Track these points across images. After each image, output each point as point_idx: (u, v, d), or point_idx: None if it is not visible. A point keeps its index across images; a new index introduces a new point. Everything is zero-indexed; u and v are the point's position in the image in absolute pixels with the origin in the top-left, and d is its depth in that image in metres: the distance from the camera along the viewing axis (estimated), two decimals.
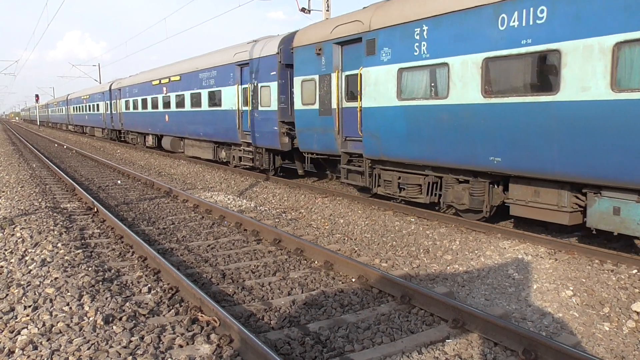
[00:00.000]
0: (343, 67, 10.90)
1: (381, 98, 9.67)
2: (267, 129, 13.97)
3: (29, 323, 4.77)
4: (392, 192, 10.14)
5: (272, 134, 13.79)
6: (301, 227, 9.34)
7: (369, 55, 9.86)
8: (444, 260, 7.34)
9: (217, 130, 17.10)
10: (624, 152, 6.15)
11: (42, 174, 16.73)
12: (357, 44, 10.32)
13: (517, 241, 7.87)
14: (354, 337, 4.73)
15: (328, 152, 11.77)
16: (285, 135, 13.45)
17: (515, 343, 4.42)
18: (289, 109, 13.39)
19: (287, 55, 13.05)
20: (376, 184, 10.56)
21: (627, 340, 4.97)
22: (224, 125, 16.44)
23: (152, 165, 20.36)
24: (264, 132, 14.18)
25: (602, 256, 6.95)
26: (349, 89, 10.77)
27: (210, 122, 17.47)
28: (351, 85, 10.66)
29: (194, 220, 9.84)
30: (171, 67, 22.08)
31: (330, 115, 11.23)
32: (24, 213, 9.94)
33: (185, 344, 4.44)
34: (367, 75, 9.97)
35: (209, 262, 7.07)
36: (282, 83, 13.36)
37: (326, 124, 11.40)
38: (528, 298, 5.95)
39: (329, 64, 11.15)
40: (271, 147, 14.15)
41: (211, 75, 17.23)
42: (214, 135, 17.54)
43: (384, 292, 5.84)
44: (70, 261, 6.74)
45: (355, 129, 10.66)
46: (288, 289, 5.99)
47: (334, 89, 11.00)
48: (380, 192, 10.51)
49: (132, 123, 27.88)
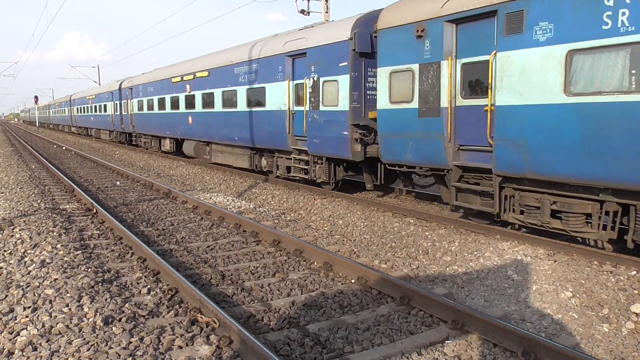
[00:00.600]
0: (458, 52, 8.41)
1: (533, 93, 7.15)
2: (332, 133, 11.32)
3: (29, 324, 4.76)
4: (540, 221, 7.50)
5: (339, 140, 11.13)
6: (300, 228, 9.34)
7: (509, 34, 7.38)
8: (443, 262, 7.34)
9: (259, 134, 14.36)
10: None
11: (41, 175, 16.71)
12: (483, 21, 7.93)
13: (516, 242, 7.87)
14: (353, 338, 4.73)
15: (430, 165, 9.15)
16: (357, 142, 10.83)
17: (515, 344, 4.43)
18: (362, 109, 10.88)
19: (363, 41, 10.49)
20: (506, 208, 7.99)
21: (626, 341, 4.98)
22: (269, 129, 13.76)
23: (151, 166, 20.35)
24: (327, 137, 11.51)
25: (601, 257, 6.95)
26: (467, 81, 8.34)
27: (249, 124, 14.80)
28: (471, 77, 8.25)
29: (193, 221, 9.84)
30: (196, 61, 19.09)
31: (436, 117, 8.65)
32: (23, 214, 9.93)
33: (184, 345, 4.44)
34: (506, 61, 7.43)
35: (209, 263, 7.07)
36: (355, 76, 10.70)
37: (430, 128, 8.81)
38: (527, 299, 5.96)
39: (436, 49, 8.55)
40: (338, 156, 11.45)
41: (251, 70, 14.44)
42: (253, 141, 14.79)
43: (384, 293, 5.84)
44: (70, 262, 6.73)
45: (478, 135, 8.17)
46: (287, 290, 6.00)
47: (445, 81, 8.44)
48: (514, 220, 7.95)
49: (146, 125, 25.15)
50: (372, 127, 10.73)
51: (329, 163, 12.23)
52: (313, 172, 12.59)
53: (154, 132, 24.11)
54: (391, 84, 9.51)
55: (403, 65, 9.24)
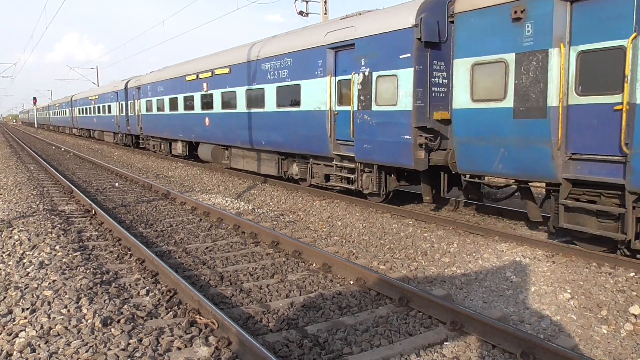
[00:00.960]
0: (572, 37, 6.88)
1: None
2: (388, 137, 9.81)
3: (27, 325, 4.76)
4: None
5: (398, 145, 9.58)
6: (299, 230, 9.35)
7: None
8: (441, 263, 7.35)
9: (291, 138, 12.78)
10: None
11: (40, 177, 16.70)
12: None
13: (515, 244, 7.88)
14: (352, 339, 4.73)
15: (529, 178, 7.66)
16: (421, 148, 9.34)
17: (514, 345, 4.43)
18: (427, 109, 9.39)
19: (431, 28, 9.08)
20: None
21: (624, 343, 4.98)
22: (304, 132, 12.20)
23: (149, 167, 20.34)
24: (381, 142, 9.99)
25: (600, 259, 6.96)
26: (586, 73, 6.76)
27: (279, 127, 13.20)
28: (593, 68, 6.68)
29: (192, 222, 9.83)
30: (214, 57, 17.39)
31: (541, 118, 7.11)
32: (21, 215, 9.92)
33: (183, 346, 4.43)
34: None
35: (207, 265, 7.07)
36: (419, 70, 9.22)
37: (530, 132, 7.26)
38: (526, 301, 5.96)
39: (542, 34, 7.02)
40: (396, 164, 9.90)
41: (283, 65, 12.82)
42: (285, 145, 13.15)
43: (382, 294, 5.85)
44: (68, 263, 6.72)
45: (603, 141, 6.62)
46: (286, 291, 6.00)
47: (554, 74, 6.91)
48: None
49: (155, 127, 23.38)
50: (437, 130, 9.44)
51: (379, 172, 10.62)
52: (359, 182, 10.93)
53: (165, 134, 22.50)
54: (474, 78, 8.01)
55: (492, 56, 7.71)
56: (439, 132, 9.49)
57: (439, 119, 9.33)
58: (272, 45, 13.47)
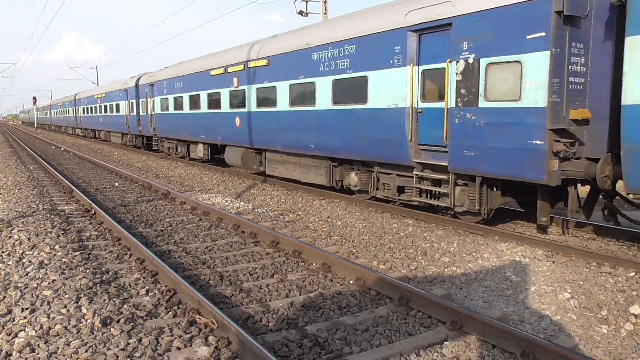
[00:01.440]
0: None
1: None
2: (506, 142, 7.65)
3: (27, 325, 4.75)
4: None
5: (523, 152, 7.44)
6: (299, 229, 9.34)
7: None
8: (441, 263, 7.35)
9: (352, 141, 10.68)
10: None
11: (40, 176, 16.69)
12: None
13: (515, 243, 7.88)
14: (352, 339, 4.73)
15: None
16: (555, 157, 7.20)
17: (513, 345, 4.43)
18: (562, 106, 7.20)
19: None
20: None
21: (625, 342, 4.98)
22: (371, 134, 10.10)
23: (149, 167, 20.33)
24: (494, 148, 7.84)
25: (600, 259, 6.96)
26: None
27: (335, 127, 11.08)
28: None
29: (192, 222, 9.83)
30: (248, 47, 14.93)
31: None
32: (21, 215, 9.91)
33: (183, 346, 4.43)
34: None
35: (207, 264, 7.07)
36: (557, 55, 7.06)
37: None
38: (526, 300, 5.96)
39: None
40: (516, 177, 7.71)
41: (342, 53, 10.73)
42: (342, 150, 11.07)
43: (382, 294, 5.84)
44: (68, 263, 6.72)
45: None
46: (286, 291, 5.99)
47: None
48: None
49: (172, 128, 21.14)
50: (572, 133, 7.32)
51: (481, 186, 8.45)
52: (452, 198, 8.82)
53: (183, 135, 20.23)
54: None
55: None
56: (574, 136, 7.38)
57: (578, 118, 7.23)
58: (327, 31, 11.43)
